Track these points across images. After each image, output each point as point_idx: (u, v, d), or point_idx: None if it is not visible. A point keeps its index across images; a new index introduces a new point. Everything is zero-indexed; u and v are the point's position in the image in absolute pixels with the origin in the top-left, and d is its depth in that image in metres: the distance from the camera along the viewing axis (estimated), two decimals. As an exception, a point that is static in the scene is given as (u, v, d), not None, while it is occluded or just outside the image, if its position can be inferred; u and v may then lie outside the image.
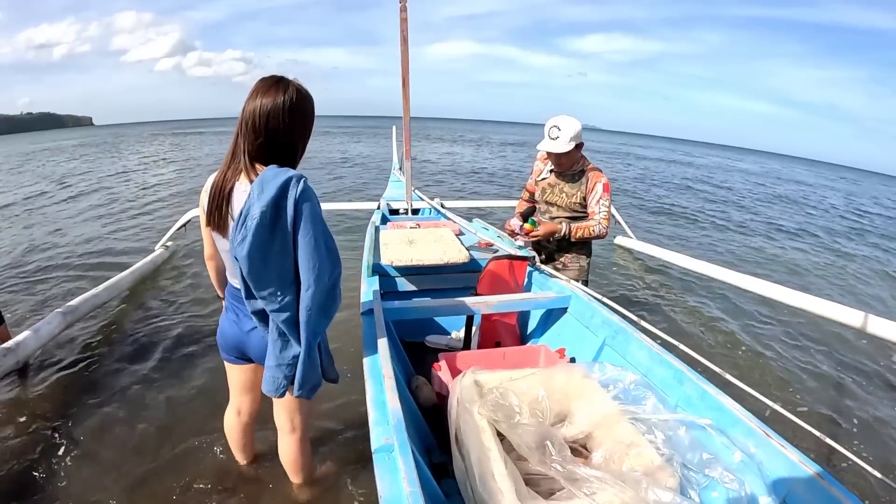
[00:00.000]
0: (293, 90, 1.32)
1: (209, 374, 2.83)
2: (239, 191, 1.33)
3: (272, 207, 1.22)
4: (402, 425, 1.18)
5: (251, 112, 1.30)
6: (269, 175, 1.26)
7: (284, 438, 1.73)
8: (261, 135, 1.31)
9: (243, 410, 1.81)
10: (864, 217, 12.80)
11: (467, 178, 12.86)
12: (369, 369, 1.48)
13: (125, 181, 11.30)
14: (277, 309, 1.32)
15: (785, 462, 1.16)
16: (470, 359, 1.86)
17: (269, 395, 1.45)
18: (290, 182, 1.24)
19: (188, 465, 2.09)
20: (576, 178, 2.45)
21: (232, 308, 1.55)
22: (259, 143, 1.32)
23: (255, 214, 1.22)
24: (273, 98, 1.29)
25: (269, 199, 1.22)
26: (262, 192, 1.23)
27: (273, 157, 1.34)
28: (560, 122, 2.33)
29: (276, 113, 1.29)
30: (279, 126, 1.31)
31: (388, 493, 0.99)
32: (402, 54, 2.92)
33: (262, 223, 1.22)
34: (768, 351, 3.71)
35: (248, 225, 1.23)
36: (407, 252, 2.41)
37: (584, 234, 2.39)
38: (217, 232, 1.40)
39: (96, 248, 5.68)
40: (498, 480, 1.13)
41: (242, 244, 1.24)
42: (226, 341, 1.60)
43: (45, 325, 2.87)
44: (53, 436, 2.28)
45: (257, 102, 1.29)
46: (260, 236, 1.23)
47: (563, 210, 2.49)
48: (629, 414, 1.40)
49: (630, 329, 1.81)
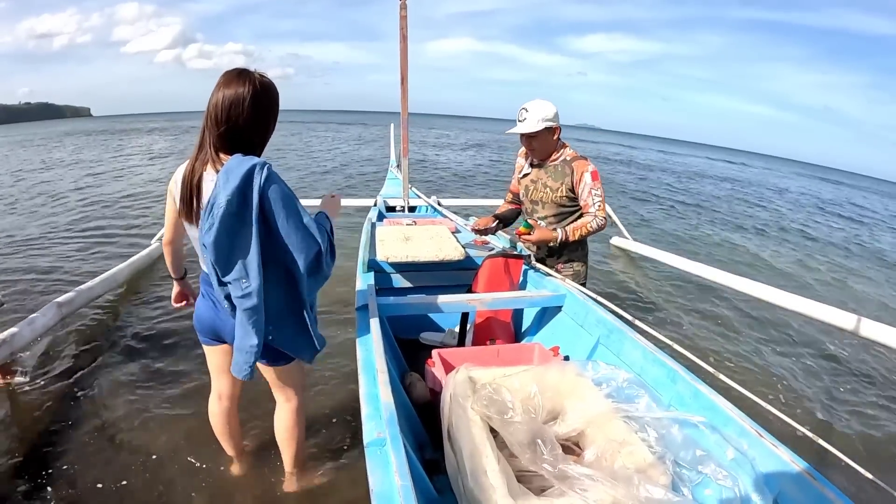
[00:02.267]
0: (255, 81, 1.35)
1: (202, 369, 2.80)
2: (207, 181, 1.36)
3: (238, 195, 1.26)
4: (394, 420, 1.18)
5: (214, 104, 1.33)
6: (234, 164, 1.29)
7: (280, 408, 1.78)
8: (223, 125, 1.34)
9: (223, 394, 1.81)
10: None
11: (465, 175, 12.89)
12: (363, 364, 1.48)
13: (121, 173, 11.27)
14: (242, 296, 1.34)
15: (777, 461, 1.16)
16: (464, 355, 1.86)
17: (236, 376, 1.47)
18: (255, 170, 1.28)
19: (182, 462, 2.08)
20: (559, 169, 2.29)
21: (207, 294, 1.57)
22: (221, 133, 1.35)
23: (222, 203, 1.25)
24: (234, 89, 1.32)
25: (233, 187, 1.25)
26: (228, 181, 1.26)
27: (236, 146, 1.37)
28: (529, 104, 2.20)
29: (237, 104, 1.32)
30: (241, 116, 1.34)
31: (379, 487, 0.99)
32: (402, 52, 2.92)
33: (228, 211, 1.25)
34: (761, 351, 3.74)
35: (214, 213, 1.26)
36: (403, 248, 2.40)
37: (583, 233, 2.24)
38: (188, 222, 1.44)
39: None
40: (490, 477, 1.13)
41: (209, 232, 1.27)
42: (202, 324, 1.63)
43: (40, 316, 2.84)
44: (47, 429, 2.27)
45: (220, 94, 1.33)
46: (226, 224, 1.27)
47: (550, 207, 2.34)
48: (622, 412, 1.40)
49: (624, 328, 1.81)
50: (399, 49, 2.96)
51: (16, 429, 2.29)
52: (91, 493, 1.92)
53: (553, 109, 2.20)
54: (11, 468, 2.02)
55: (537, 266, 2.40)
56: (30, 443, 2.19)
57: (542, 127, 2.19)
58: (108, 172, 11.55)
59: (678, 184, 15.84)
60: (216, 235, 1.27)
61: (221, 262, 1.32)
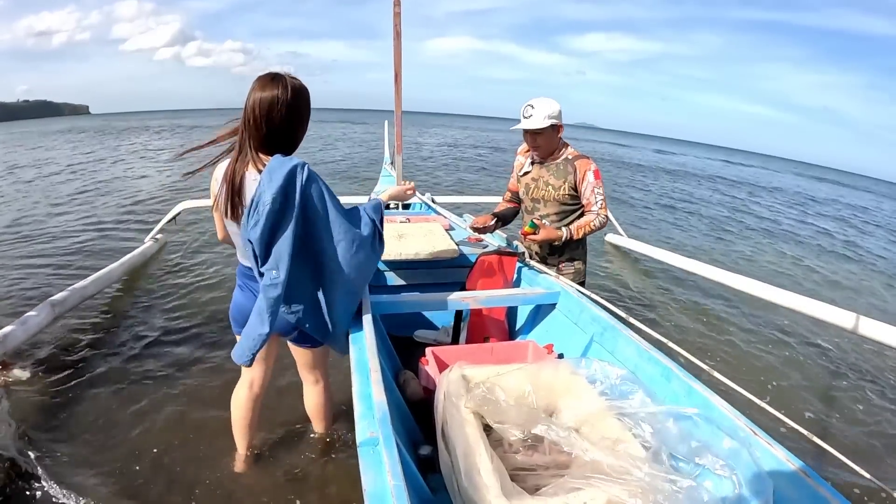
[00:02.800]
0: (288, 84, 1.45)
1: (197, 367, 2.82)
2: (249, 180, 1.47)
3: (282, 193, 1.37)
4: (387, 419, 1.16)
5: (251, 107, 1.43)
6: (276, 164, 1.40)
7: (310, 390, 1.97)
8: (262, 127, 1.44)
9: (255, 382, 1.90)
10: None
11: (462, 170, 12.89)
12: (356, 362, 1.47)
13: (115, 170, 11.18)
14: (269, 285, 1.43)
15: (772, 459, 1.16)
16: (457, 353, 1.85)
17: (235, 361, 1.58)
18: (297, 169, 1.40)
19: (180, 464, 2.06)
20: (561, 167, 2.31)
21: (246, 286, 1.68)
22: (262, 134, 1.46)
23: (267, 201, 1.36)
24: (271, 93, 1.42)
25: (278, 186, 1.36)
26: (272, 181, 1.37)
27: (275, 146, 1.48)
28: (535, 101, 2.21)
29: (274, 106, 1.43)
30: (278, 118, 1.44)
31: (372, 487, 0.98)
32: (395, 49, 2.90)
33: (273, 208, 1.36)
34: (756, 349, 3.75)
35: (259, 210, 1.37)
36: (396, 246, 2.39)
37: (586, 231, 2.27)
38: (230, 219, 1.54)
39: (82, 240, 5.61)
40: (483, 475, 1.12)
41: (255, 228, 1.38)
42: (242, 314, 1.67)
43: (33, 316, 2.81)
44: (45, 423, 2.27)
45: (257, 98, 1.43)
46: (271, 220, 1.38)
47: (552, 205, 2.35)
48: (616, 410, 1.39)
49: (618, 326, 1.80)
50: (393, 46, 2.94)
51: (14, 423, 2.27)
52: (91, 486, 1.92)
53: (557, 107, 2.21)
54: (9, 463, 2.01)
55: (531, 263, 2.40)
56: (27, 437, 2.17)
57: (547, 124, 2.19)
58: (102, 170, 11.46)
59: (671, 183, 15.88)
60: (262, 231, 1.38)
61: (263, 255, 1.43)
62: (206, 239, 5.44)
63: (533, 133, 2.24)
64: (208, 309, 3.64)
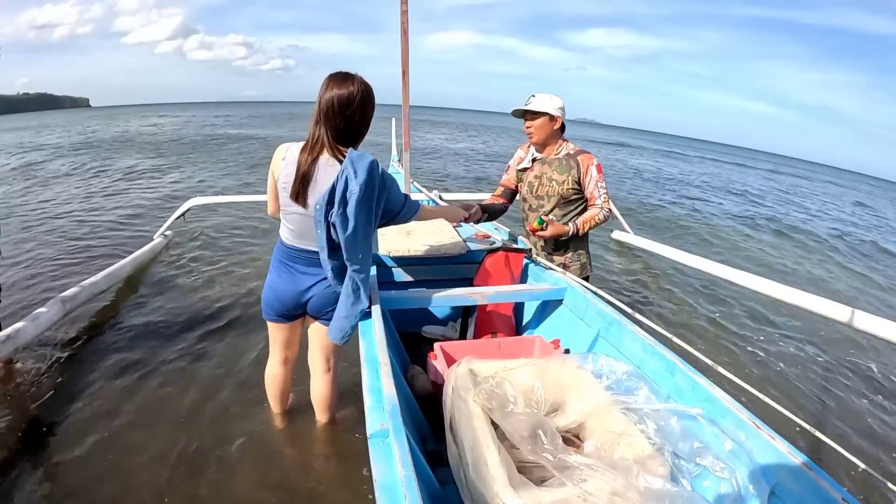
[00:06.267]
0: (360, 82, 1.60)
1: (207, 362, 2.87)
2: (326, 166, 1.60)
3: (367, 184, 1.52)
4: (397, 411, 1.19)
5: (328, 102, 1.57)
6: (356, 157, 1.54)
7: (319, 378, 2.05)
8: (340, 120, 1.59)
9: (289, 359, 2.09)
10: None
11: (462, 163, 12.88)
12: (366, 357, 1.50)
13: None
14: (359, 269, 1.63)
15: (774, 453, 1.17)
16: (465, 348, 1.87)
17: (335, 341, 1.73)
18: (375, 163, 1.56)
19: (187, 459, 2.11)
20: (563, 163, 2.39)
21: (287, 269, 1.80)
22: (338, 126, 1.60)
23: (355, 190, 1.50)
24: (347, 89, 1.57)
25: (364, 177, 1.51)
26: (357, 172, 1.51)
27: (348, 138, 1.64)
28: (538, 93, 2.34)
29: (351, 102, 1.58)
30: (354, 113, 1.60)
31: (382, 478, 1.00)
32: (403, 46, 2.92)
33: (360, 197, 1.51)
34: (760, 344, 3.76)
35: (348, 198, 1.51)
36: (404, 242, 2.41)
37: (591, 225, 2.37)
38: (295, 200, 1.65)
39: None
40: (491, 467, 1.14)
41: (346, 214, 1.52)
42: (279, 299, 1.84)
43: (44, 312, 2.86)
44: (48, 425, 2.29)
45: (333, 94, 1.57)
46: (361, 207, 1.53)
47: (556, 199, 2.42)
48: (621, 404, 1.42)
49: (624, 321, 1.82)
50: (400, 43, 2.96)
51: (18, 418, 2.33)
52: (93, 481, 1.96)
53: (560, 102, 2.32)
54: (14, 456, 2.07)
55: (538, 260, 2.43)
56: (32, 432, 2.23)
57: (543, 110, 2.29)
58: (105, 166, 11.54)
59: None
60: (354, 217, 1.52)
61: (351, 240, 1.56)
62: (214, 234, 5.50)
63: (530, 116, 2.34)
64: (218, 303, 3.70)
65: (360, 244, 1.60)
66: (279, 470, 2.05)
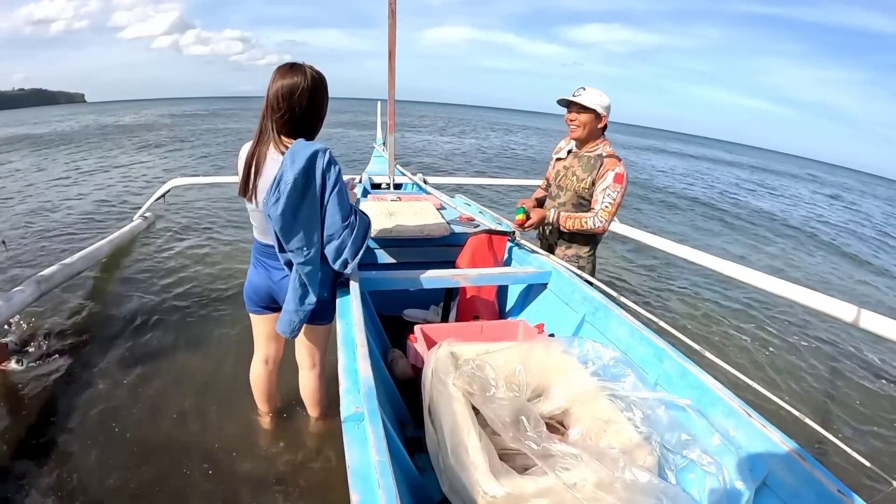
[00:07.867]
0: (307, 72, 1.52)
1: (185, 344, 2.81)
2: (270, 159, 1.53)
3: (303, 175, 1.45)
4: (372, 394, 1.12)
5: (274, 94, 1.50)
6: (299, 147, 1.48)
7: (305, 374, 1.97)
8: (285, 112, 1.51)
9: (270, 358, 2.01)
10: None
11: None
12: (342, 338, 1.42)
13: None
14: (302, 262, 1.55)
15: (765, 442, 1.13)
16: (447, 331, 1.82)
17: (283, 335, 1.68)
18: (318, 153, 1.47)
19: (171, 449, 2.04)
20: (592, 162, 2.23)
21: (261, 263, 1.75)
22: (283, 119, 1.52)
23: (289, 180, 1.44)
24: (292, 79, 1.49)
25: (300, 167, 1.44)
26: (294, 162, 1.45)
27: (296, 130, 1.55)
28: (587, 87, 2.21)
29: (294, 92, 1.49)
30: (299, 103, 1.51)
31: (356, 464, 0.93)
32: (390, 27, 2.86)
33: (294, 187, 1.44)
34: (750, 333, 3.80)
35: (281, 188, 1.45)
36: (386, 223, 2.34)
37: (575, 226, 2.21)
38: (243, 196, 1.62)
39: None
40: (471, 454, 1.08)
41: (276, 205, 1.45)
42: (256, 293, 1.81)
43: (18, 293, 2.71)
44: (44, 411, 2.23)
45: (279, 85, 1.49)
46: (292, 199, 1.46)
47: (570, 194, 2.29)
48: (608, 391, 1.37)
49: (610, 306, 1.77)
50: (388, 25, 2.90)
51: (10, 413, 2.24)
52: (91, 472, 1.89)
53: (608, 100, 2.22)
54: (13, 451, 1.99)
55: (522, 242, 2.37)
56: (25, 426, 2.14)
57: (592, 106, 2.17)
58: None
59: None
60: (283, 208, 1.45)
61: (285, 232, 1.50)
62: (195, 216, 5.35)
63: (576, 109, 2.22)
64: (198, 287, 3.61)
65: (296, 234, 1.52)
66: (270, 465, 1.98)
